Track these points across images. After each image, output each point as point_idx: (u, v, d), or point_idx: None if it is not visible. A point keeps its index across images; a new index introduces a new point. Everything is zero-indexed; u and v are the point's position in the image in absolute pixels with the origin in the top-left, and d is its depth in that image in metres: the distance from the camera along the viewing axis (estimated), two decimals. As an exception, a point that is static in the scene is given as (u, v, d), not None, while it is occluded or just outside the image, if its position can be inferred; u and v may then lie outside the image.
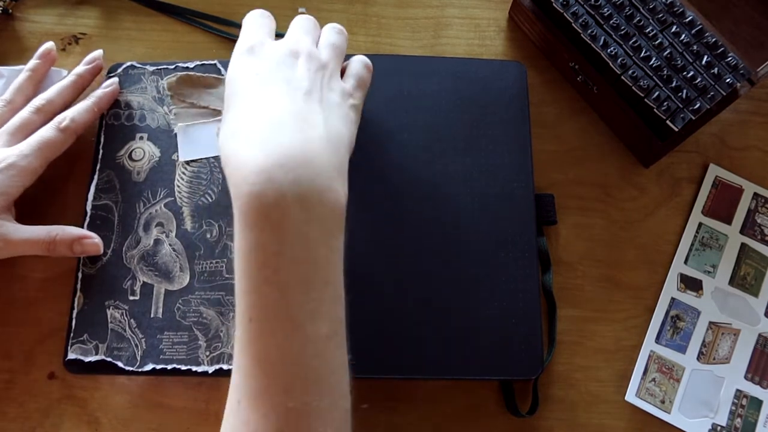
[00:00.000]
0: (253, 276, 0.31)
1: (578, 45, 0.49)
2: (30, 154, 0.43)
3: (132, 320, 0.44)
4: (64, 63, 0.51)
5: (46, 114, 0.46)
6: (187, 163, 0.47)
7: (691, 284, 0.49)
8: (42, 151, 0.44)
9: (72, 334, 0.43)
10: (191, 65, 0.50)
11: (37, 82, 0.48)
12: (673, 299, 0.48)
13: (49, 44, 0.49)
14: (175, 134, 0.48)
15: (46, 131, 0.44)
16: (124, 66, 0.50)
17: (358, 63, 0.41)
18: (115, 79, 0.49)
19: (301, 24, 0.41)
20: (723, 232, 0.50)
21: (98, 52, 0.50)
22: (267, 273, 0.30)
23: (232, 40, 0.53)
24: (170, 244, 0.46)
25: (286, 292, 0.30)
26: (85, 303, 0.44)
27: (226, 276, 0.45)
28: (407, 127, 0.48)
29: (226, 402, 0.44)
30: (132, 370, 0.42)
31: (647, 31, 0.48)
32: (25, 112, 0.45)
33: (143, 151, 0.48)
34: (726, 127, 0.53)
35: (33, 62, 0.48)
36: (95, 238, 0.44)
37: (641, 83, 0.47)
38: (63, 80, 0.48)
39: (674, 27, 0.48)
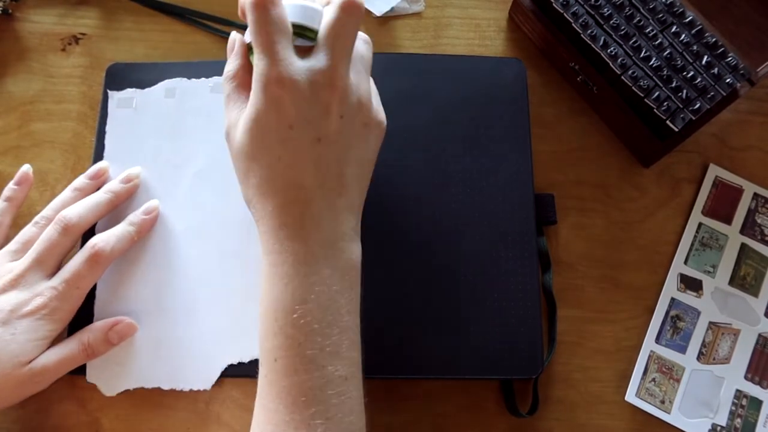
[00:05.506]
0: (280, 320, 0.34)
1: (578, 45, 0.49)
2: (66, 296, 0.40)
3: None
4: (64, 63, 0.51)
5: (76, 236, 0.42)
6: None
7: (691, 284, 0.49)
8: (80, 289, 0.41)
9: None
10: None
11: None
12: (673, 299, 0.48)
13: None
14: None
15: (79, 265, 0.41)
16: (123, 66, 0.50)
17: None
18: (156, 205, 0.45)
19: None
20: (723, 232, 0.50)
21: (136, 170, 0.46)
22: (293, 318, 0.34)
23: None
24: None
25: (310, 335, 0.34)
26: None
27: None
28: (406, 126, 0.48)
29: (225, 403, 0.44)
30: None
31: (647, 31, 0.48)
32: (53, 233, 0.41)
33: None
34: (726, 127, 0.53)
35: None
36: (125, 320, 0.42)
37: (641, 83, 0.47)
38: (97, 196, 0.44)
39: (674, 27, 0.48)
